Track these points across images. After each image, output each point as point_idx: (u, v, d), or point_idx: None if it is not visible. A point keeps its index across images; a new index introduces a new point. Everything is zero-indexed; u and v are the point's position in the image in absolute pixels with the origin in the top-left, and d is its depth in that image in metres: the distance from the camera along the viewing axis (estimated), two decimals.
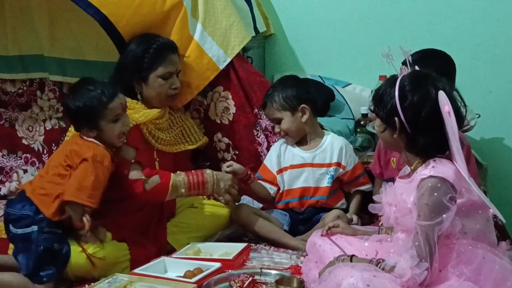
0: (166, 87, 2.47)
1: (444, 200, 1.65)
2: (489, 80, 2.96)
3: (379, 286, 1.61)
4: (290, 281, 1.92)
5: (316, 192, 2.53)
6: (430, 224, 1.64)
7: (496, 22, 2.93)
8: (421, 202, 1.68)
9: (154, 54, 2.45)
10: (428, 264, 1.63)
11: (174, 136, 2.58)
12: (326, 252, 1.98)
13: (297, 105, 2.51)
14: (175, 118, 2.64)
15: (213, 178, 2.39)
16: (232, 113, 2.76)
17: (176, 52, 2.52)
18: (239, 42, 2.73)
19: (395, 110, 1.74)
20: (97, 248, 2.17)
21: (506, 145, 3.00)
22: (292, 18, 3.26)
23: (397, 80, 1.77)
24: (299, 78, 2.67)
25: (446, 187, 1.66)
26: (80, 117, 2.22)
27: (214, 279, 1.99)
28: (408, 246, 1.67)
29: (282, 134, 2.56)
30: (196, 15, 2.70)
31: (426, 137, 1.73)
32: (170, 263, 2.18)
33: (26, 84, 2.98)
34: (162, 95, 2.48)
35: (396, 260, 1.67)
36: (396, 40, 2.94)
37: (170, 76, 2.48)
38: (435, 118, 1.70)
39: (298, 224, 2.54)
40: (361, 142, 2.82)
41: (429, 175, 1.69)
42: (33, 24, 2.90)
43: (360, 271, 1.63)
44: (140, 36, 2.51)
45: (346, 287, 1.60)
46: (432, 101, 1.70)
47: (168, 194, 2.34)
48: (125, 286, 1.99)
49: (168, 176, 2.34)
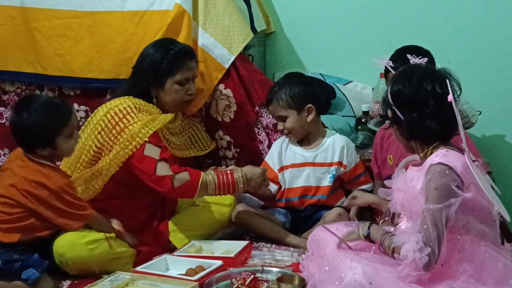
0: (182, 93, 2.47)
1: (452, 185, 1.66)
2: (490, 78, 2.96)
3: (381, 283, 1.61)
4: (291, 279, 1.92)
5: (317, 191, 2.53)
6: (438, 208, 1.65)
7: (498, 19, 2.92)
8: (429, 186, 1.69)
9: (173, 59, 2.43)
10: (430, 249, 1.63)
11: (183, 141, 2.59)
12: (326, 241, 1.98)
13: (304, 105, 2.49)
14: (186, 123, 2.65)
15: (243, 179, 2.34)
16: (233, 111, 2.76)
17: (194, 58, 2.51)
18: (242, 40, 2.75)
19: (388, 103, 1.82)
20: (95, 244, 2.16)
21: (507, 142, 2.99)
22: (293, 16, 3.26)
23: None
24: (305, 75, 2.66)
25: (454, 175, 1.68)
26: (36, 135, 2.12)
27: (215, 277, 1.99)
28: (416, 229, 1.68)
29: (285, 132, 2.54)
30: (197, 18, 2.73)
31: (421, 121, 1.77)
32: (172, 261, 2.18)
33: (25, 83, 2.98)
34: (177, 101, 2.47)
35: (404, 240, 1.68)
36: (397, 38, 2.99)
37: (186, 82, 2.47)
38: (424, 102, 1.75)
39: (299, 222, 2.54)
40: (362, 139, 2.82)
41: (438, 162, 1.71)
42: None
43: (362, 267, 1.64)
44: (158, 41, 2.55)
45: (348, 284, 1.60)
46: (418, 84, 1.76)
47: (198, 192, 2.30)
48: (127, 284, 2.00)
49: (198, 174, 2.30)
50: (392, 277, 1.65)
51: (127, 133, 2.26)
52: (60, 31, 2.83)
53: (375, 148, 2.53)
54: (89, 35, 2.80)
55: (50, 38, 2.84)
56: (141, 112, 2.34)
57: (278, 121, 2.55)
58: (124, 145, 2.26)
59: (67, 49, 2.83)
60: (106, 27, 2.77)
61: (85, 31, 2.81)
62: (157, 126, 2.32)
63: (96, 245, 2.16)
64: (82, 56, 2.82)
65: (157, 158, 2.26)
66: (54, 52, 2.85)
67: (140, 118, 2.29)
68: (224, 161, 2.83)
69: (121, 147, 2.26)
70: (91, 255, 2.14)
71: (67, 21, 2.82)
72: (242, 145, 2.78)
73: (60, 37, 2.83)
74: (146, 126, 2.28)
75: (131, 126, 2.27)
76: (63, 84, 2.90)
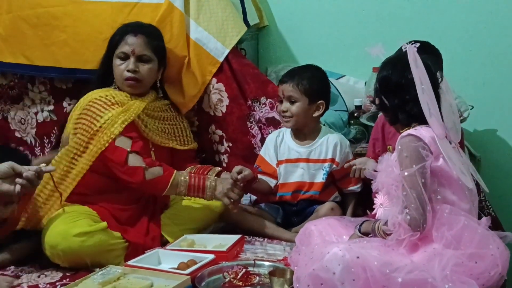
0: (122, 68, 2.45)
1: (422, 150, 1.75)
2: (482, 72, 2.96)
3: (368, 257, 1.65)
4: (283, 273, 1.92)
5: (310, 187, 2.53)
6: (413, 171, 1.73)
7: (489, 14, 2.92)
8: (401, 155, 1.78)
9: (116, 34, 2.49)
10: (413, 209, 1.70)
11: (162, 128, 2.56)
12: (316, 235, 2.00)
13: (317, 99, 2.49)
14: (172, 114, 2.63)
15: (214, 184, 2.36)
16: (225, 105, 2.76)
17: (140, 35, 2.48)
18: (236, 33, 2.74)
19: (376, 89, 1.92)
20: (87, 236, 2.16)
21: (499, 137, 3.00)
22: (286, 9, 3.25)
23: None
24: (326, 73, 2.64)
25: (422, 143, 1.77)
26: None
27: (207, 271, 1.99)
28: (396, 202, 1.76)
29: (287, 115, 2.51)
30: (190, 12, 2.72)
31: (403, 107, 1.85)
32: (164, 254, 2.18)
33: (17, 77, 2.96)
34: (119, 77, 2.47)
35: (388, 214, 1.78)
36: (390, 32, 3.00)
37: (126, 57, 2.46)
38: (406, 89, 1.82)
39: (291, 215, 2.54)
40: (355, 134, 2.82)
41: (407, 133, 1.81)
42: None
43: (348, 243, 1.72)
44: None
45: (332, 256, 1.64)
46: (400, 72, 1.84)
47: (167, 189, 2.33)
48: (119, 278, 1.99)
49: (171, 171, 2.33)
50: (380, 249, 1.68)
51: (100, 132, 2.30)
52: (44, 19, 2.78)
53: (376, 134, 2.52)
54: (73, 23, 2.75)
55: (36, 27, 2.79)
56: (113, 104, 2.36)
57: (285, 101, 2.51)
58: (97, 142, 2.30)
59: (52, 39, 2.78)
60: (94, 17, 2.73)
61: (69, 20, 2.75)
62: (127, 120, 2.34)
63: (88, 237, 2.15)
64: (66, 46, 2.76)
65: (128, 150, 2.29)
66: (41, 42, 2.80)
67: (110, 115, 2.32)
68: (217, 156, 2.82)
69: (94, 144, 2.31)
70: (82, 246, 2.13)
71: (52, 10, 2.77)
72: (235, 139, 2.77)
73: (45, 26, 2.78)
74: (116, 122, 2.31)
75: (103, 123, 2.31)
76: (48, 74, 2.85)
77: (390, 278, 1.61)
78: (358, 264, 1.62)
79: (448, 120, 1.84)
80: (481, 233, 1.73)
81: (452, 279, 1.62)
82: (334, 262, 1.63)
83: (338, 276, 1.62)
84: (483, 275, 1.67)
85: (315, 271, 1.65)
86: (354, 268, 1.62)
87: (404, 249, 1.72)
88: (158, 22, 2.67)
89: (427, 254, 1.70)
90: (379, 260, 1.64)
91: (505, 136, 3.00)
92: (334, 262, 1.63)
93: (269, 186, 2.56)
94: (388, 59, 1.93)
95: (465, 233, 1.71)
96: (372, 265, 1.62)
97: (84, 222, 2.21)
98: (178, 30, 2.69)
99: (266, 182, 2.55)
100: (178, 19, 2.69)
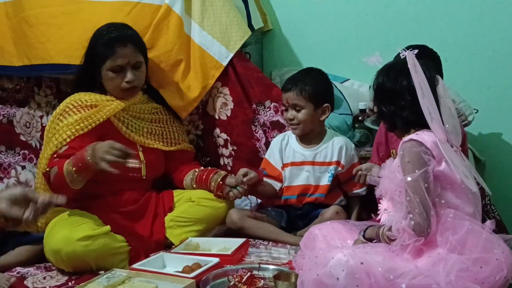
0: (119, 80, 2.44)
1: (424, 155, 1.75)
2: (487, 76, 2.96)
3: (372, 262, 1.65)
4: (288, 276, 1.92)
5: (316, 190, 2.53)
6: (415, 176, 1.73)
7: (493, 18, 2.92)
8: (403, 161, 1.78)
9: (102, 47, 2.44)
10: (417, 214, 1.70)
11: (150, 130, 2.55)
12: (321, 239, 2.00)
13: (322, 103, 2.49)
14: (163, 117, 2.62)
15: (91, 147, 2.22)
16: (230, 109, 2.76)
17: (127, 44, 2.45)
18: (240, 37, 2.74)
19: (372, 97, 1.94)
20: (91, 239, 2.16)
21: (504, 140, 3.00)
22: (290, 13, 3.25)
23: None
24: (327, 74, 2.64)
25: (424, 148, 1.77)
26: None
27: (212, 274, 2.00)
28: (400, 207, 1.75)
29: (294, 122, 2.51)
30: (191, 15, 2.72)
31: (399, 113, 1.86)
32: (168, 258, 2.18)
33: (23, 80, 2.97)
34: (116, 88, 2.46)
35: (392, 220, 1.77)
36: (394, 36, 3.00)
37: (121, 69, 2.44)
38: (400, 95, 1.84)
39: (296, 219, 2.54)
40: (359, 137, 2.83)
41: (409, 139, 1.80)
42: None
43: (352, 249, 1.71)
44: (98, 28, 2.51)
45: (336, 262, 1.64)
46: (394, 79, 1.86)
47: (67, 178, 2.24)
48: (124, 282, 2.00)
49: (63, 162, 2.28)
50: (384, 255, 1.68)
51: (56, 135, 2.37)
52: (42, 19, 2.78)
53: (379, 138, 2.52)
54: (71, 21, 2.73)
55: (33, 26, 2.79)
56: (82, 108, 2.39)
57: (290, 110, 2.51)
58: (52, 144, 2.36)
59: (48, 37, 2.76)
60: (92, 15, 2.71)
61: (66, 18, 2.74)
62: (86, 128, 2.37)
63: (92, 241, 2.15)
64: (61, 42, 2.75)
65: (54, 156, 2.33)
66: (36, 41, 2.79)
67: (70, 121, 2.36)
68: (221, 159, 2.83)
69: (49, 146, 2.36)
70: (86, 250, 2.14)
71: (51, 9, 2.77)
72: (239, 143, 2.78)
73: (42, 25, 2.77)
74: (69, 129, 2.35)
75: (59, 128, 2.37)
76: (41, 72, 2.84)
77: (394, 284, 1.61)
78: (362, 270, 1.62)
79: (448, 123, 1.84)
80: (486, 237, 1.72)
81: (457, 284, 1.62)
82: (338, 267, 1.63)
83: (342, 282, 1.62)
84: (488, 280, 1.67)
85: (319, 276, 1.65)
86: (358, 274, 1.62)
87: (409, 255, 1.72)
88: (155, 25, 2.67)
89: (432, 259, 1.70)
90: (383, 266, 1.64)
91: (509, 140, 3.00)
92: (338, 268, 1.63)
93: (274, 189, 2.56)
94: (383, 67, 1.94)
95: (469, 237, 1.71)
96: (376, 271, 1.62)
97: (87, 226, 2.21)
98: (174, 34, 2.69)
99: (271, 185, 2.55)
100: (174, 23, 2.69)
